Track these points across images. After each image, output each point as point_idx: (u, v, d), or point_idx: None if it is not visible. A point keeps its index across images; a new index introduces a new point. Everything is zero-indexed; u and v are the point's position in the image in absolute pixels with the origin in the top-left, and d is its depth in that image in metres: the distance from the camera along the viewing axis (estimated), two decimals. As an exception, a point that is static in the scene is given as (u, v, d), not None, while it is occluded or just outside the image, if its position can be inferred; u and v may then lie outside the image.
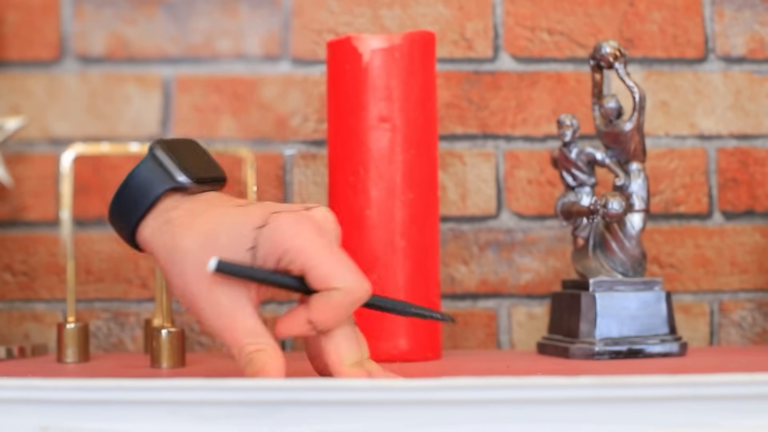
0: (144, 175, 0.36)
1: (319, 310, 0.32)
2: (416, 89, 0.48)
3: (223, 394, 0.28)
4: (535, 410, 0.28)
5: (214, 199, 0.35)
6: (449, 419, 0.28)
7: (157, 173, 0.36)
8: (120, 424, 0.28)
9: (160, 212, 0.35)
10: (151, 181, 0.35)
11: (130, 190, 0.36)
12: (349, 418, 0.28)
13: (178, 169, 0.36)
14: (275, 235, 0.32)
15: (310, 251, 0.32)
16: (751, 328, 0.60)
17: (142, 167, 0.36)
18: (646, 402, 0.28)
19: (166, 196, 0.35)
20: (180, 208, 0.35)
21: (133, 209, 0.35)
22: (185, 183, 0.35)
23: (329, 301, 0.31)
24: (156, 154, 0.36)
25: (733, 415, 0.28)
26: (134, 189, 0.36)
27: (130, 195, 0.35)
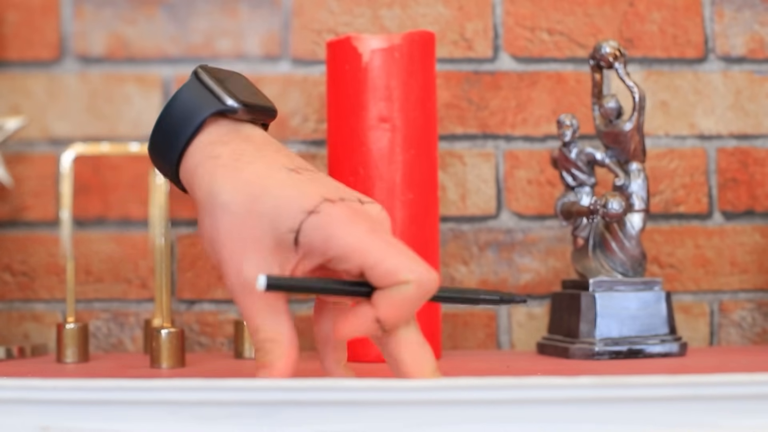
0: (187, 97, 0.32)
1: (388, 307, 0.28)
2: (416, 89, 0.48)
3: (222, 395, 0.28)
4: (535, 410, 0.28)
5: (265, 145, 0.32)
6: (449, 419, 0.28)
7: (202, 95, 0.32)
8: (120, 424, 0.28)
9: (206, 143, 0.31)
10: (196, 104, 0.31)
11: (173, 113, 0.32)
12: (349, 418, 0.28)
13: (226, 93, 0.32)
14: (326, 229, 0.29)
15: (368, 248, 0.28)
16: (751, 328, 0.60)
17: (185, 89, 0.32)
18: (646, 402, 0.28)
19: (212, 121, 0.32)
20: (229, 144, 0.31)
21: (176, 135, 0.31)
22: (234, 107, 0.32)
23: (399, 296, 0.28)
24: (201, 76, 0.32)
25: (733, 415, 0.28)
26: (177, 112, 0.31)
27: (173, 119, 0.31)
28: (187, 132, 0.31)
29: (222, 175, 0.30)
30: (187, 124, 0.32)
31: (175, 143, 0.32)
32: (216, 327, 0.59)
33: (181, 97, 0.32)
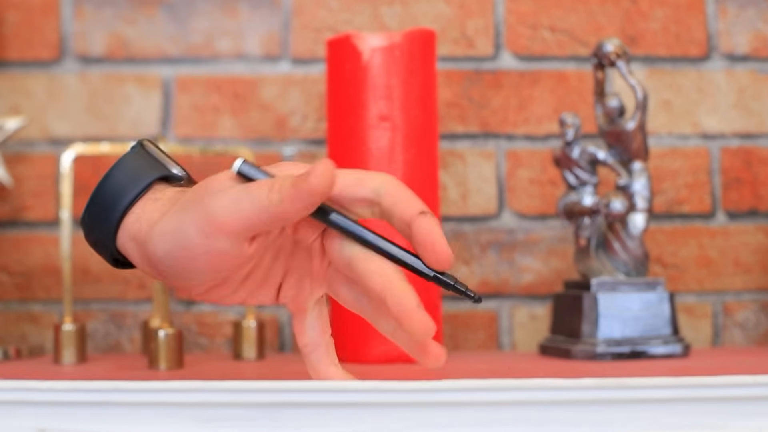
0: (132, 163, 0.32)
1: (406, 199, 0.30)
2: (416, 88, 0.47)
3: (221, 396, 0.28)
4: (537, 412, 0.28)
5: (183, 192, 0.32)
6: (450, 421, 0.28)
7: (147, 162, 0.33)
8: (117, 426, 0.28)
9: (150, 199, 0.32)
10: (140, 168, 0.32)
11: (117, 177, 0.32)
12: (349, 419, 0.28)
13: (172, 162, 0.33)
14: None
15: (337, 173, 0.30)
16: (755, 329, 0.59)
17: (129, 156, 0.33)
18: (649, 404, 0.28)
19: (148, 191, 0.32)
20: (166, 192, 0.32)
21: (119, 196, 0.31)
22: (180, 175, 0.33)
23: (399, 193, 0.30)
24: (145, 146, 0.33)
25: (736, 416, 0.28)
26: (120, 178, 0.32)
27: (115, 184, 0.32)
28: (132, 192, 0.32)
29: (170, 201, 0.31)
30: (132, 187, 0.32)
31: (118, 203, 0.32)
32: (214, 328, 0.59)
33: (125, 162, 0.33)
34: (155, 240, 0.30)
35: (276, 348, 0.59)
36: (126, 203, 0.32)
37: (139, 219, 0.32)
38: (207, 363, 0.48)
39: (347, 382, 0.28)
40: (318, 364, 0.33)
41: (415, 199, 0.30)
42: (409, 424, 0.28)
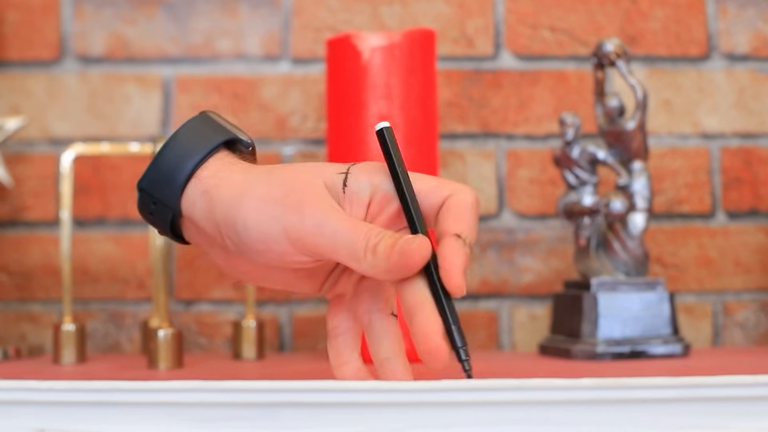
0: (198, 127, 0.31)
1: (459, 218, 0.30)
2: (416, 87, 0.47)
3: (221, 396, 0.28)
4: (537, 412, 0.28)
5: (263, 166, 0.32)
6: (450, 421, 0.28)
7: (212, 127, 0.32)
8: (117, 426, 0.28)
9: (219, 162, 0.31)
10: (207, 131, 0.31)
11: (181, 139, 0.31)
12: (349, 420, 0.28)
13: (238, 129, 0.32)
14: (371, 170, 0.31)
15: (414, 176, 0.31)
16: (755, 328, 0.59)
17: (193, 121, 0.32)
18: (649, 404, 0.28)
19: (220, 151, 0.31)
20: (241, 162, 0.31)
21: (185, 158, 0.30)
22: (247, 141, 0.32)
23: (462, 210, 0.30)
24: (208, 113, 0.32)
25: (736, 417, 0.28)
26: (187, 139, 0.31)
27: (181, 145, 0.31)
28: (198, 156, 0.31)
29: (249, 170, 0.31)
30: (198, 150, 0.31)
31: (182, 167, 0.31)
32: (214, 327, 0.59)
33: (189, 125, 0.32)
34: (242, 212, 0.30)
35: (276, 348, 0.59)
36: (199, 158, 0.31)
37: (215, 175, 0.31)
38: (207, 363, 0.48)
39: (347, 382, 0.28)
40: (344, 348, 0.32)
41: (467, 220, 0.30)
42: (409, 424, 0.28)
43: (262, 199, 0.30)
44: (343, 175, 0.31)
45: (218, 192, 0.31)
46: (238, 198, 0.30)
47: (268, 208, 0.30)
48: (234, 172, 0.31)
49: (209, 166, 0.31)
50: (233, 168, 0.31)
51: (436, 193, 0.31)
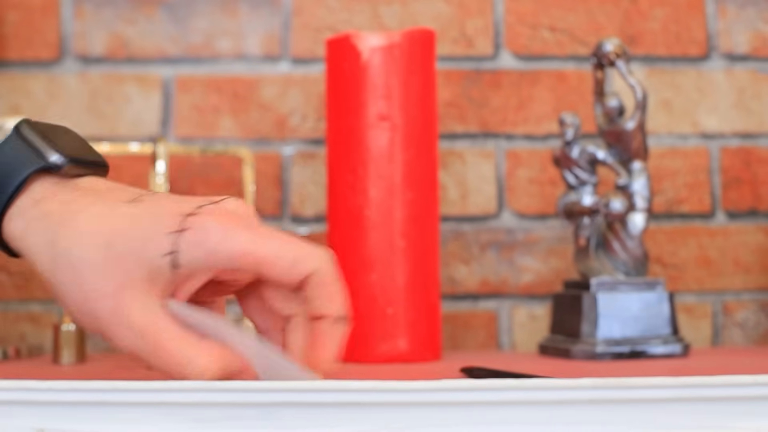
0: (6, 155, 0.29)
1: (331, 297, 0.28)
2: (416, 87, 0.47)
3: (221, 396, 0.28)
4: (537, 412, 0.28)
5: (95, 188, 0.29)
6: (450, 421, 0.28)
7: (23, 152, 0.29)
8: (116, 426, 0.28)
9: (30, 203, 0.28)
10: (16, 161, 0.28)
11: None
12: (349, 419, 0.28)
13: (50, 148, 0.29)
14: (206, 243, 0.27)
15: (258, 249, 0.27)
16: (755, 328, 0.59)
17: (3, 147, 0.29)
18: (649, 404, 0.28)
19: (34, 180, 0.29)
20: (56, 199, 0.28)
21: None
22: (58, 163, 0.29)
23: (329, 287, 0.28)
24: (22, 131, 0.29)
25: (736, 417, 0.28)
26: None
27: None
28: (6, 193, 0.28)
29: (63, 228, 0.28)
30: (6, 184, 0.28)
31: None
32: (216, 327, 0.59)
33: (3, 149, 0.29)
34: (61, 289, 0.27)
35: (276, 348, 0.59)
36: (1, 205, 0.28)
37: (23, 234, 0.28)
38: (206, 363, 0.48)
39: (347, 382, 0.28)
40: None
41: (338, 296, 0.28)
42: (409, 424, 0.28)
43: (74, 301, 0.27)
44: (168, 257, 0.27)
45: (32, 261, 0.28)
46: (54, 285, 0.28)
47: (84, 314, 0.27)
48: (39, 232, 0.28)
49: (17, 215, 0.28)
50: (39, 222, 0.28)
51: (294, 271, 0.28)
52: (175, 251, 0.27)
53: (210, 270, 0.28)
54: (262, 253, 0.27)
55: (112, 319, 0.27)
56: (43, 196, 0.29)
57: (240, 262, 0.27)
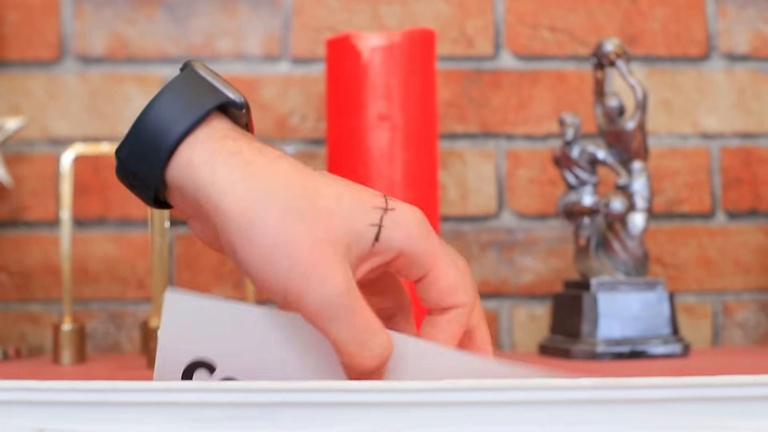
0: (184, 88, 0.27)
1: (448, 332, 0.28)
2: (416, 87, 0.47)
3: (221, 396, 0.28)
4: (537, 412, 0.28)
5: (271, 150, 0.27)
6: (450, 421, 0.28)
7: (201, 88, 0.27)
8: (117, 426, 0.28)
9: (217, 135, 0.26)
10: (195, 94, 0.27)
11: (164, 105, 0.26)
12: (349, 419, 0.28)
13: (227, 86, 0.27)
14: (407, 228, 0.27)
15: (439, 258, 0.27)
16: (755, 328, 0.59)
17: (178, 80, 0.27)
18: (649, 404, 0.28)
19: (213, 117, 0.27)
20: (242, 141, 0.27)
21: (169, 126, 0.26)
22: (237, 101, 0.27)
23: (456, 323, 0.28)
24: (197, 70, 0.28)
25: (736, 417, 0.28)
26: (170, 104, 0.26)
27: (164, 111, 0.26)
28: (187, 122, 0.26)
29: (263, 174, 0.26)
30: (186, 115, 0.26)
31: (167, 136, 0.26)
32: (216, 327, 0.59)
33: (174, 86, 0.27)
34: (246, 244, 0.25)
35: (276, 348, 0.59)
36: (185, 127, 0.26)
37: (209, 163, 0.26)
38: (207, 363, 0.48)
39: (347, 382, 0.28)
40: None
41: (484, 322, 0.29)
42: (409, 424, 0.28)
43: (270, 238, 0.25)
44: (375, 228, 0.27)
45: (214, 194, 0.26)
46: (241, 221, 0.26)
47: (276, 255, 0.25)
48: (232, 165, 0.26)
49: (200, 145, 0.26)
50: (231, 157, 0.26)
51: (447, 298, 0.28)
52: (380, 225, 0.27)
53: (397, 255, 0.27)
54: (438, 264, 0.28)
55: (309, 270, 0.25)
56: (226, 135, 0.27)
57: (422, 261, 0.27)
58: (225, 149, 0.27)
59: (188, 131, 0.27)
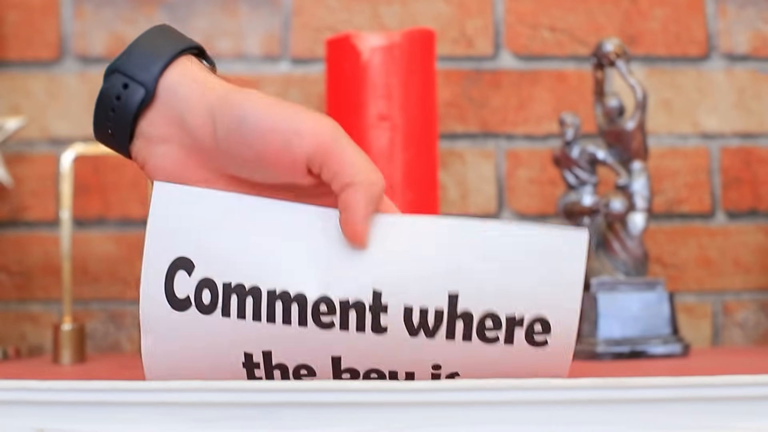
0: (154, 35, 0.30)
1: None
2: (416, 87, 0.47)
3: (220, 396, 0.28)
4: (537, 412, 0.28)
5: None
6: (450, 421, 0.28)
7: (168, 36, 0.30)
8: (117, 426, 0.28)
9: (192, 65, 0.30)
10: (164, 40, 0.30)
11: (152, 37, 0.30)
12: (349, 419, 0.28)
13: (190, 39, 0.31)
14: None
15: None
16: (755, 328, 0.59)
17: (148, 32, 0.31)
18: (649, 404, 0.28)
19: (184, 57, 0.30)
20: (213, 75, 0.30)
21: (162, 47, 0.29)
22: (201, 47, 0.31)
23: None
24: (162, 27, 0.31)
25: (736, 417, 0.28)
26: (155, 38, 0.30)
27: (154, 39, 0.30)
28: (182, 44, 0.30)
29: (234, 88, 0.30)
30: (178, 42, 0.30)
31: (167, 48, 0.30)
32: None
33: (148, 33, 0.31)
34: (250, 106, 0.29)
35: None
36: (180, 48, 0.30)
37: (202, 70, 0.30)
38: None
39: (347, 382, 0.28)
40: None
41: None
42: (409, 424, 0.28)
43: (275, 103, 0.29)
44: None
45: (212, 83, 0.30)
46: (242, 93, 0.29)
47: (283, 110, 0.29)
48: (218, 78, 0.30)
49: (190, 62, 0.30)
50: (214, 75, 0.31)
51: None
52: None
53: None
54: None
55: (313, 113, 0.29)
56: (200, 68, 0.30)
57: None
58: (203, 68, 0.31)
59: (180, 53, 0.30)
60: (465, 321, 0.28)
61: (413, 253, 0.28)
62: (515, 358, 0.29)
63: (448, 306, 0.28)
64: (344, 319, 0.28)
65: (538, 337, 0.28)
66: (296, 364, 0.29)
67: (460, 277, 0.28)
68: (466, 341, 0.28)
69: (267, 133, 0.29)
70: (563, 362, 0.29)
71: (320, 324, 0.28)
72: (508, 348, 0.28)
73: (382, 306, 0.28)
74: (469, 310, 0.28)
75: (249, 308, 0.28)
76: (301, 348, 0.28)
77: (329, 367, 0.29)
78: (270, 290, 0.28)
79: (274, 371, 0.29)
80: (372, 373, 0.29)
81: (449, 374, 0.29)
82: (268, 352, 0.28)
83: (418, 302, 0.28)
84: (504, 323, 0.28)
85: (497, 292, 0.28)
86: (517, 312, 0.28)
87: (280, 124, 0.29)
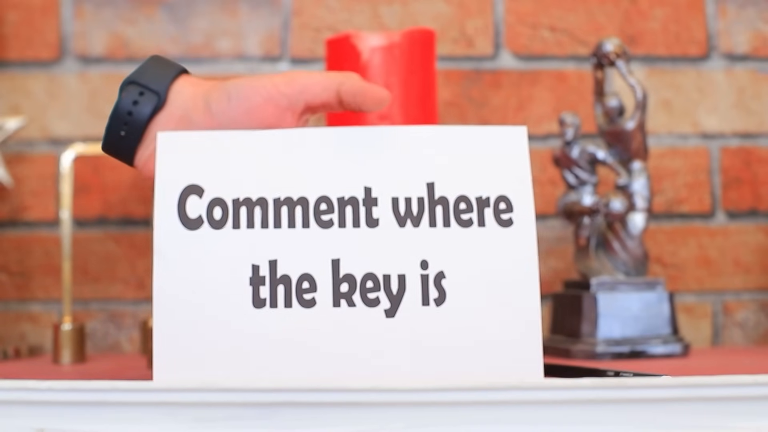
0: (156, 61, 0.37)
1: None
2: (416, 87, 0.47)
3: (220, 396, 0.28)
4: (536, 412, 0.28)
5: None
6: (450, 421, 0.28)
7: (167, 62, 0.37)
8: (117, 426, 0.28)
9: (192, 80, 0.37)
10: (165, 63, 0.37)
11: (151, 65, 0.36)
12: (349, 419, 0.28)
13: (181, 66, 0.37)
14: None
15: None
16: (755, 328, 0.59)
17: (150, 59, 0.37)
18: (649, 404, 0.28)
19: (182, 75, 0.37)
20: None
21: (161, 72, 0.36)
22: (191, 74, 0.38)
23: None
24: (157, 56, 0.38)
25: (736, 416, 0.28)
26: (154, 65, 0.36)
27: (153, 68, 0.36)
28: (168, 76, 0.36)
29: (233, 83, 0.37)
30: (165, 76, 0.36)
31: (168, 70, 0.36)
32: (216, 327, 0.59)
33: (149, 61, 0.37)
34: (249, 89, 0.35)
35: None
36: (179, 70, 0.36)
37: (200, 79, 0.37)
38: (206, 363, 0.48)
39: (347, 382, 0.28)
40: None
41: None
42: (409, 424, 0.28)
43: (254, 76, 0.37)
44: None
45: (208, 83, 0.36)
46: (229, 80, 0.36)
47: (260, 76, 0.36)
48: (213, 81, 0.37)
49: (189, 76, 0.37)
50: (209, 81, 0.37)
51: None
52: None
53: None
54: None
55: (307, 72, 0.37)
56: (198, 79, 0.37)
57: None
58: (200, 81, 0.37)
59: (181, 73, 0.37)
60: (443, 206, 0.33)
61: (393, 156, 0.34)
62: (489, 244, 0.33)
63: (427, 193, 0.33)
64: (342, 217, 0.33)
65: (503, 215, 0.33)
66: (299, 273, 0.32)
67: (433, 170, 0.34)
68: (446, 227, 0.33)
69: (250, 93, 0.35)
70: (529, 242, 0.33)
71: (321, 223, 0.32)
72: (482, 231, 0.33)
73: (373, 199, 0.33)
74: (445, 195, 0.33)
75: (257, 217, 0.32)
76: (305, 253, 0.32)
77: (329, 273, 0.32)
78: (275, 198, 0.33)
79: (278, 287, 0.32)
80: (368, 281, 0.32)
81: (436, 275, 0.32)
82: (273, 262, 0.31)
83: (402, 193, 0.33)
84: (475, 204, 0.33)
85: (463, 178, 0.34)
86: (483, 193, 0.34)
87: (259, 82, 0.35)
